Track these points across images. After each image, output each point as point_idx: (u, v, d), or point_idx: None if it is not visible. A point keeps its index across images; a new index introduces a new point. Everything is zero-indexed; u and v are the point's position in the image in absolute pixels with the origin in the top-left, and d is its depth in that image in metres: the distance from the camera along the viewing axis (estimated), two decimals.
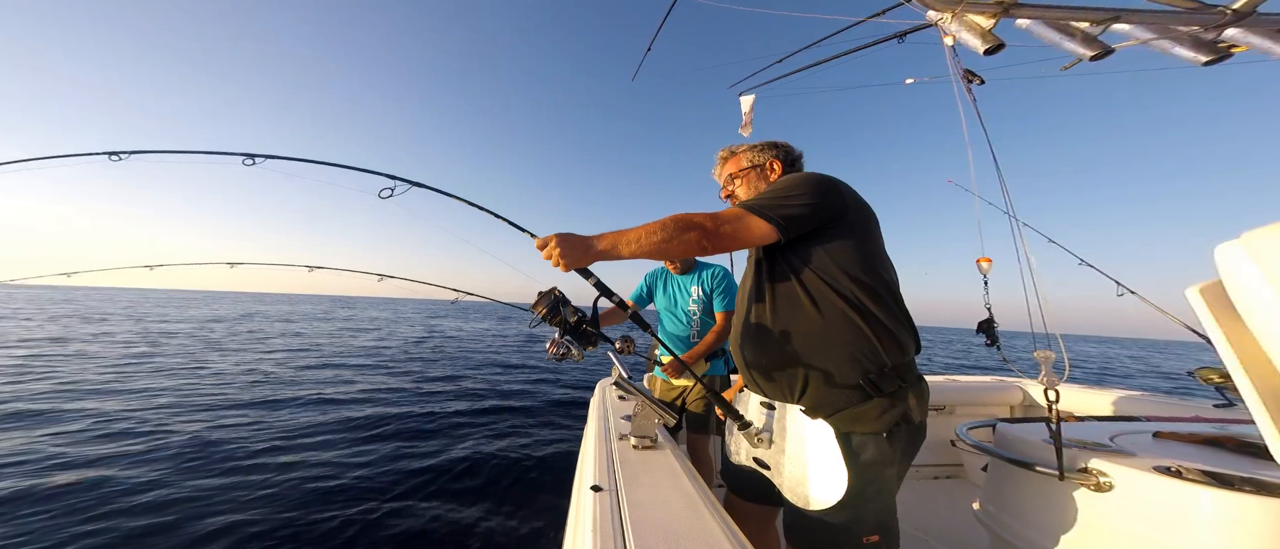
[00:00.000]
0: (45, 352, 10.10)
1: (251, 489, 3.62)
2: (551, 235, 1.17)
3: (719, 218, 1.18)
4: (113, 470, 3.85)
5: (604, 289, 1.33)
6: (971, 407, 3.38)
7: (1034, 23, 1.39)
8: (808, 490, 1.14)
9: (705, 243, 1.16)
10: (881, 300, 1.18)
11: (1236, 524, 1.08)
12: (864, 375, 1.13)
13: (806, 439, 1.17)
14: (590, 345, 1.27)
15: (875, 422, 1.12)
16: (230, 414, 5.70)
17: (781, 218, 1.17)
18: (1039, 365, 1.46)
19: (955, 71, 1.84)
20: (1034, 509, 1.47)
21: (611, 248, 1.16)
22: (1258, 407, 0.95)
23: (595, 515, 0.92)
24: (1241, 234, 0.94)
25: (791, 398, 1.23)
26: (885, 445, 1.13)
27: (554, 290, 1.28)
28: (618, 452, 1.33)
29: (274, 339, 14.97)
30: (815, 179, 1.25)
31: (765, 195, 1.26)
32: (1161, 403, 2.65)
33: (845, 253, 1.19)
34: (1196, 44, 1.23)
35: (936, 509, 2.64)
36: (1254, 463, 1.23)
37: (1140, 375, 18.86)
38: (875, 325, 1.16)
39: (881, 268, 1.22)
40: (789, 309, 1.24)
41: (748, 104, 3.56)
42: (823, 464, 1.12)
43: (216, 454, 4.33)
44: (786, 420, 1.24)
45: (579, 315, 1.26)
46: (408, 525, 3.22)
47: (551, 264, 1.19)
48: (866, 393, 1.13)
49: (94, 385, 6.97)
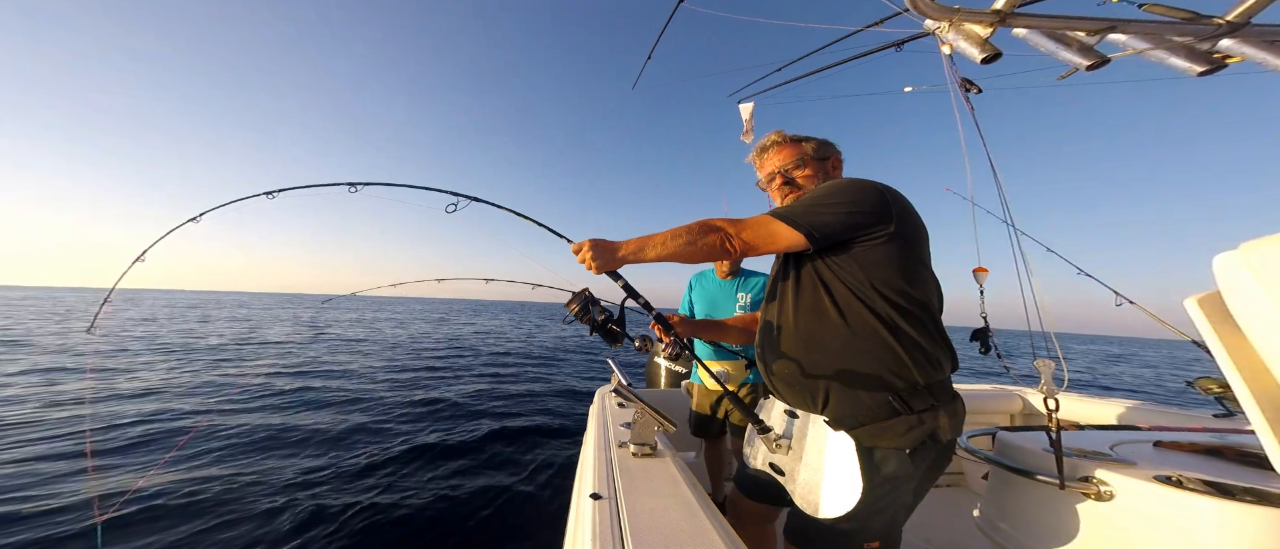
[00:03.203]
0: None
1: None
2: (585, 241, 1.24)
3: (742, 223, 1.17)
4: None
5: (631, 291, 1.41)
6: (972, 415, 3.37)
7: (1031, 32, 1.40)
8: (819, 498, 1.13)
9: (727, 246, 1.16)
10: (914, 317, 1.13)
11: (1237, 534, 1.07)
12: (892, 391, 1.10)
13: (827, 450, 1.15)
14: (616, 343, 1.37)
15: (901, 438, 1.10)
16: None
17: (812, 226, 1.13)
18: (1039, 373, 1.46)
19: (953, 80, 1.85)
20: (1035, 518, 1.46)
21: (637, 252, 1.20)
22: (1257, 417, 0.95)
23: (594, 523, 0.92)
24: (1239, 245, 0.94)
25: (814, 408, 1.20)
26: (907, 462, 1.10)
27: (585, 291, 1.39)
28: (617, 459, 1.32)
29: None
30: (860, 187, 1.19)
31: (804, 201, 1.23)
32: (1162, 412, 2.65)
33: (880, 266, 1.14)
34: (1191, 54, 1.24)
35: (937, 517, 2.63)
36: (1254, 473, 1.23)
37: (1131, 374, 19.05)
38: (906, 342, 1.12)
39: (920, 284, 1.16)
40: (815, 318, 1.21)
41: (748, 111, 3.58)
42: (839, 476, 1.11)
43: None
44: (809, 429, 1.22)
45: (606, 314, 1.37)
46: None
47: (584, 267, 1.26)
48: (893, 409, 1.10)
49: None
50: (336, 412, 6.21)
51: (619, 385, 1.50)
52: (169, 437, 4.92)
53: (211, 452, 4.47)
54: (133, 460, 4.24)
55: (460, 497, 3.77)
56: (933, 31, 1.55)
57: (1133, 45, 1.32)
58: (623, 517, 0.95)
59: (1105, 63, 1.30)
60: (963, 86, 1.87)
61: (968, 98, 1.89)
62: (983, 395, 3.41)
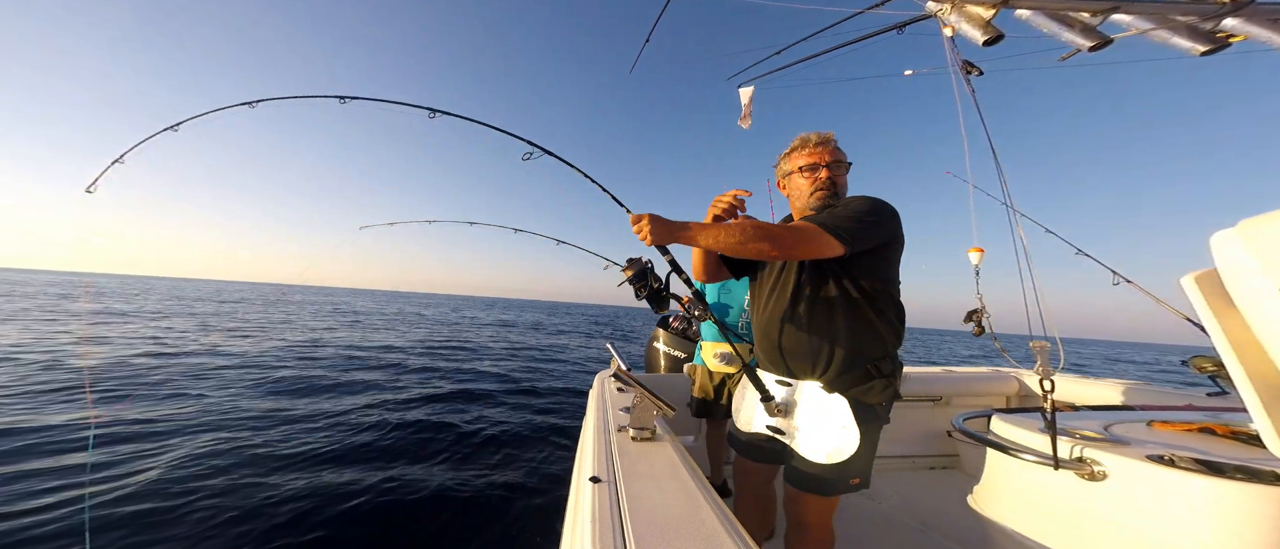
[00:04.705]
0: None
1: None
2: (645, 214, 1.37)
3: (797, 234, 1.28)
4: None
5: (676, 267, 1.59)
6: (968, 397, 3.40)
7: (1034, 14, 1.38)
8: (824, 448, 1.37)
9: (775, 254, 1.29)
10: (894, 303, 1.45)
11: (1229, 511, 1.09)
12: (871, 361, 1.40)
13: (825, 409, 1.40)
14: (662, 308, 1.57)
15: (879, 395, 1.39)
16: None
17: (855, 240, 1.29)
18: (1034, 356, 1.46)
19: (954, 62, 1.83)
20: (1029, 499, 1.49)
21: (693, 235, 1.33)
22: (1250, 395, 0.96)
23: (594, 507, 0.93)
24: (1238, 223, 0.94)
25: (812, 375, 1.45)
26: (883, 414, 1.41)
27: (643, 259, 1.57)
28: (616, 443, 1.33)
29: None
30: (889, 210, 1.40)
31: (846, 217, 1.34)
32: (1156, 392, 2.67)
33: (878, 267, 1.41)
34: (1194, 34, 1.23)
35: (933, 499, 2.66)
36: (1246, 450, 1.24)
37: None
38: (886, 323, 1.42)
39: (896, 276, 1.46)
40: (823, 306, 1.44)
41: (747, 95, 3.55)
42: (839, 428, 1.36)
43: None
44: (802, 395, 1.47)
45: (659, 282, 1.56)
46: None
47: (639, 238, 1.39)
48: (870, 374, 1.39)
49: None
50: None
51: (618, 370, 1.51)
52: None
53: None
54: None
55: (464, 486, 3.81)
56: (935, 14, 1.53)
57: (1136, 25, 1.30)
58: (622, 500, 0.96)
59: (1108, 43, 1.29)
60: (964, 69, 1.85)
61: (969, 80, 1.87)
62: (979, 378, 3.43)
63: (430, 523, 3.23)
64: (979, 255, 2.70)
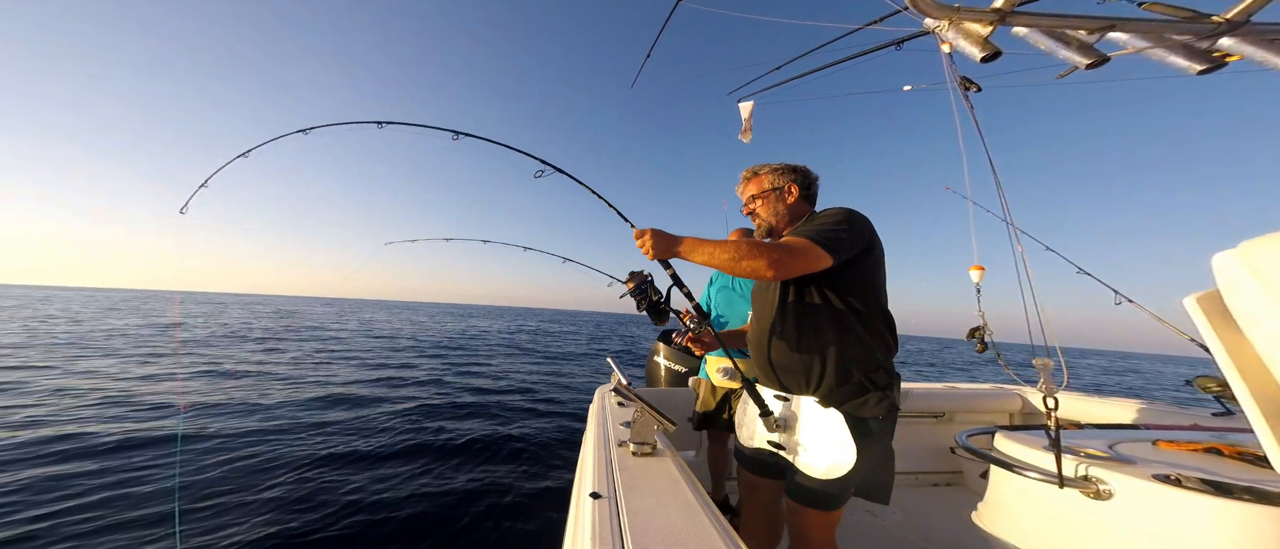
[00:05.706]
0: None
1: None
2: (648, 229, 1.42)
3: (790, 251, 1.31)
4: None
5: (677, 280, 1.61)
6: (971, 414, 3.37)
7: (1031, 31, 1.40)
8: (821, 463, 1.36)
9: (770, 272, 1.29)
10: (882, 315, 1.44)
11: (1235, 532, 1.08)
12: (864, 374, 1.40)
13: (821, 423, 1.39)
14: (662, 321, 1.56)
15: (874, 408, 1.39)
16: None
17: (836, 251, 1.33)
18: (1038, 373, 1.46)
19: (953, 79, 1.84)
20: (1034, 517, 1.47)
21: (689, 250, 1.38)
22: (1256, 415, 0.95)
23: (594, 522, 0.92)
24: (1239, 244, 0.94)
25: (806, 390, 1.45)
26: (882, 426, 1.40)
27: (644, 273, 1.57)
28: (617, 458, 1.32)
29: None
30: (860, 218, 1.43)
31: (823, 230, 1.37)
32: (1161, 411, 2.65)
33: (861, 277, 1.42)
34: (1191, 53, 1.24)
35: (936, 516, 2.63)
36: (1253, 471, 1.23)
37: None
38: (874, 333, 1.42)
39: (881, 288, 1.47)
40: (810, 320, 1.45)
41: (747, 110, 3.58)
42: (835, 442, 1.35)
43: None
44: (800, 410, 1.46)
45: (659, 295, 1.56)
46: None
47: (642, 252, 1.42)
48: (865, 387, 1.39)
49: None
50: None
51: (619, 384, 1.50)
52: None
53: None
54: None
55: (453, 494, 3.77)
56: (932, 30, 1.55)
57: (1133, 44, 1.32)
58: (622, 516, 0.95)
59: (1105, 61, 1.30)
60: (962, 85, 1.87)
61: (967, 96, 1.88)
62: (982, 394, 3.41)
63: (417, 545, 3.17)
64: (980, 274, 2.70)
